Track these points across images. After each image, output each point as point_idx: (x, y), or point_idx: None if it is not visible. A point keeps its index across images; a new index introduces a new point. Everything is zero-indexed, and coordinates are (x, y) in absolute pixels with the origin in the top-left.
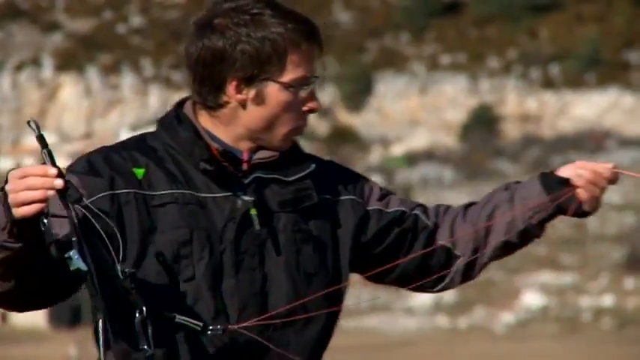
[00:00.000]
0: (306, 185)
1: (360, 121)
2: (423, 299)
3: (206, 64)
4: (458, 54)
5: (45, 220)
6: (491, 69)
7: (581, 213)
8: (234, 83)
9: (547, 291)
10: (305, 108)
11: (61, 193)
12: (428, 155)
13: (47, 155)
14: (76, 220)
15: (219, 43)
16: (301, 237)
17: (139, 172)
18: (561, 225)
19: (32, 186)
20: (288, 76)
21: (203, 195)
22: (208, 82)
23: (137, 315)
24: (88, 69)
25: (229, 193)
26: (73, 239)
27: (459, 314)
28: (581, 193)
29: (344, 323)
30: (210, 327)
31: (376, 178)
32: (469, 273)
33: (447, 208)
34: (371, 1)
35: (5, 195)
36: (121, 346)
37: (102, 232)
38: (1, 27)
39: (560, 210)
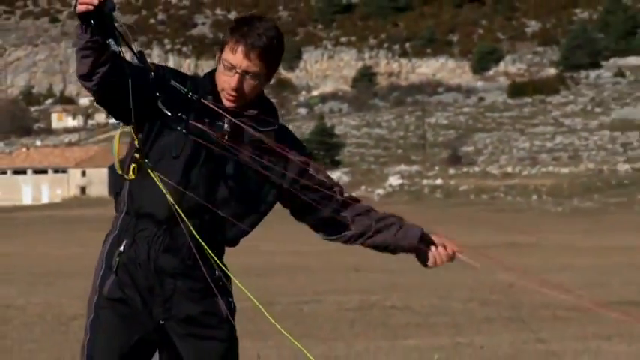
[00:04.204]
0: (271, 135)
1: (293, 76)
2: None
3: None
4: (351, 37)
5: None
6: (371, 45)
7: (424, 264)
8: (219, 52)
9: (403, 176)
10: (225, 83)
11: (101, 5)
12: (333, 96)
13: None
14: (108, 22)
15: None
16: (253, 164)
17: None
18: (410, 137)
19: None
20: (224, 56)
21: (203, 119)
22: None
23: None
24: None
25: (218, 123)
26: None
27: (349, 190)
28: (431, 257)
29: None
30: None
31: (303, 110)
32: (347, 242)
33: (359, 205)
34: (299, 4)
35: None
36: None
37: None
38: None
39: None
